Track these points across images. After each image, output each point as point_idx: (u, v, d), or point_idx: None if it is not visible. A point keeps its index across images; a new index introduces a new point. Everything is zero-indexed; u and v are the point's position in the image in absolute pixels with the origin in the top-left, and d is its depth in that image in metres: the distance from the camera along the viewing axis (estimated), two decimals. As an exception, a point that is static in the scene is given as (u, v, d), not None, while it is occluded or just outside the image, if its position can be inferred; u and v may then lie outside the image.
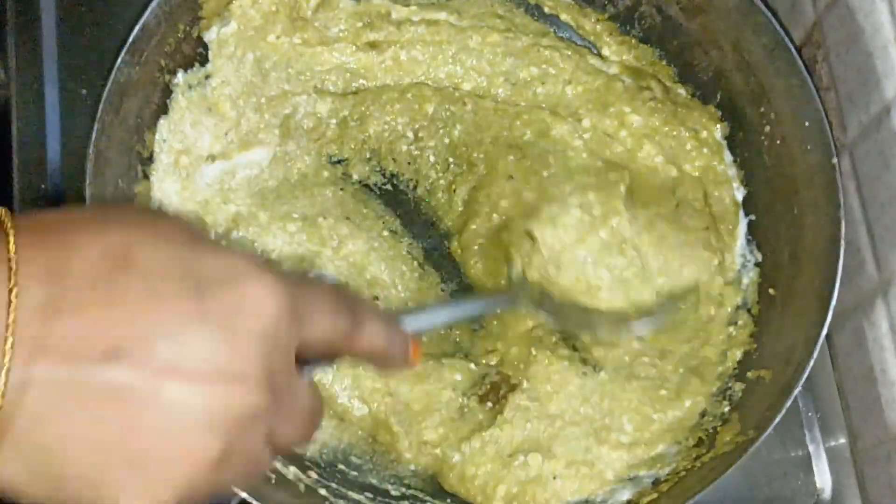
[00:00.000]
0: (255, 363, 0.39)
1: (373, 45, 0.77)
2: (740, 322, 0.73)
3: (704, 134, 0.76)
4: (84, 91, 0.77)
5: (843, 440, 0.73)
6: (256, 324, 0.39)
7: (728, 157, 0.76)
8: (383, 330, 0.48)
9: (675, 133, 0.76)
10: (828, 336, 0.73)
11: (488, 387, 0.73)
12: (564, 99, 0.78)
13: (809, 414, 0.75)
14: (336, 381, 0.72)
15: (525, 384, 0.71)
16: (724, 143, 0.76)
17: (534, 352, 0.72)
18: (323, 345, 0.44)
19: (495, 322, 0.75)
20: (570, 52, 0.78)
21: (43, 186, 0.75)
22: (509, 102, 0.78)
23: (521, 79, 0.78)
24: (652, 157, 0.76)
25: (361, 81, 0.78)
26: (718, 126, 0.76)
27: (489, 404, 0.72)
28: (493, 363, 0.74)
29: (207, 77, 0.74)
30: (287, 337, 0.41)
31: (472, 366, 0.73)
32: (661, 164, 0.76)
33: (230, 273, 0.40)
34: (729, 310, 0.73)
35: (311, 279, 0.45)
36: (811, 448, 0.75)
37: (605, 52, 0.79)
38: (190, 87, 0.73)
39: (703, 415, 0.70)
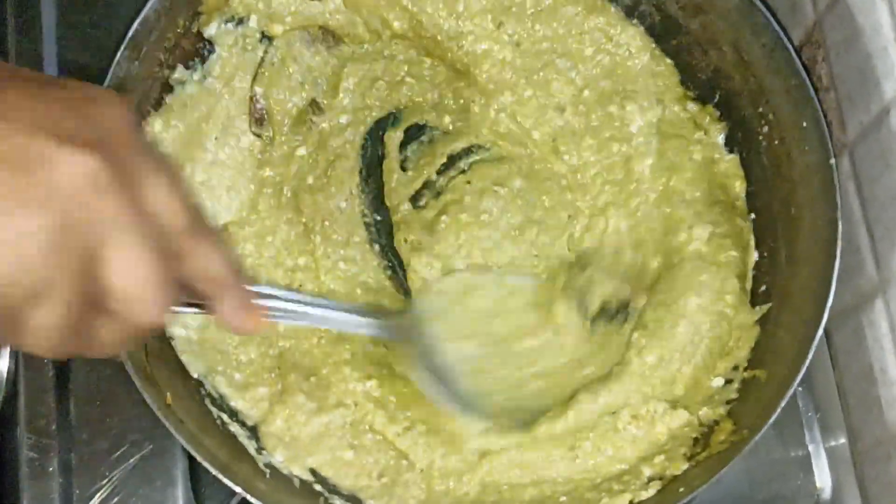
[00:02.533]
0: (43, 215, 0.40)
1: None
2: (736, 322, 0.73)
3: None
4: (83, 91, 0.77)
5: (842, 440, 0.73)
6: (48, 184, 0.40)
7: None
8: (225, 261, 0.48)
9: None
10: (827, 335, 0.73)
11: None
12: None
13: (809, 414, 0.75)
14: None
15: None
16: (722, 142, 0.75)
17: None
18: (163, 217, 0.44)
19: None
20: None
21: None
22: None
23: None
24: None
25: None
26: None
27: None
28: None
29: None
30: (100, 195, 0.41)
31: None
32: None
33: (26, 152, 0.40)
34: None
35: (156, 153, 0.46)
36: (811, 448, 0.75)
37: None
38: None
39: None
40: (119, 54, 0.66)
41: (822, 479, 0.74)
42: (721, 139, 0.75)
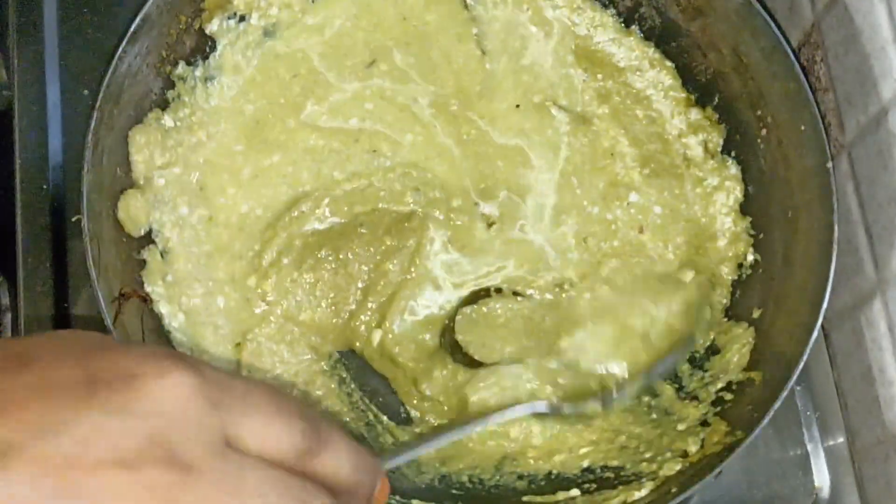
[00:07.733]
0: (149, 439, 0.38)
1: None
2: (731, 322, 0.73)
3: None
4: (86, 92, 0.77)
5: (841, 439, 0.73)
6: (152, 405, 0.38)
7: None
8: (352, 457, 0.43)
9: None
10: (826, 335, 0.74)
11: None
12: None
13: (808, 413, 0.75)
14: None
15: None
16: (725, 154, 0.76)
17: None
18: (272, 450, 0.41)
19: None
20: None
21: (45, 187, 0.75)
22: None
23: None
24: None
25: None
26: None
27: None
28: None
29: None
30: (199, 420, 0.39)
31: None
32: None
33: (129, 370, 0.39)
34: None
35: (248, 379, 0.44)
36: (809, 447, 0.75)
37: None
38: None
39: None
40: (120, 49, 0.66)
41: (821, 478, 0.74)
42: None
